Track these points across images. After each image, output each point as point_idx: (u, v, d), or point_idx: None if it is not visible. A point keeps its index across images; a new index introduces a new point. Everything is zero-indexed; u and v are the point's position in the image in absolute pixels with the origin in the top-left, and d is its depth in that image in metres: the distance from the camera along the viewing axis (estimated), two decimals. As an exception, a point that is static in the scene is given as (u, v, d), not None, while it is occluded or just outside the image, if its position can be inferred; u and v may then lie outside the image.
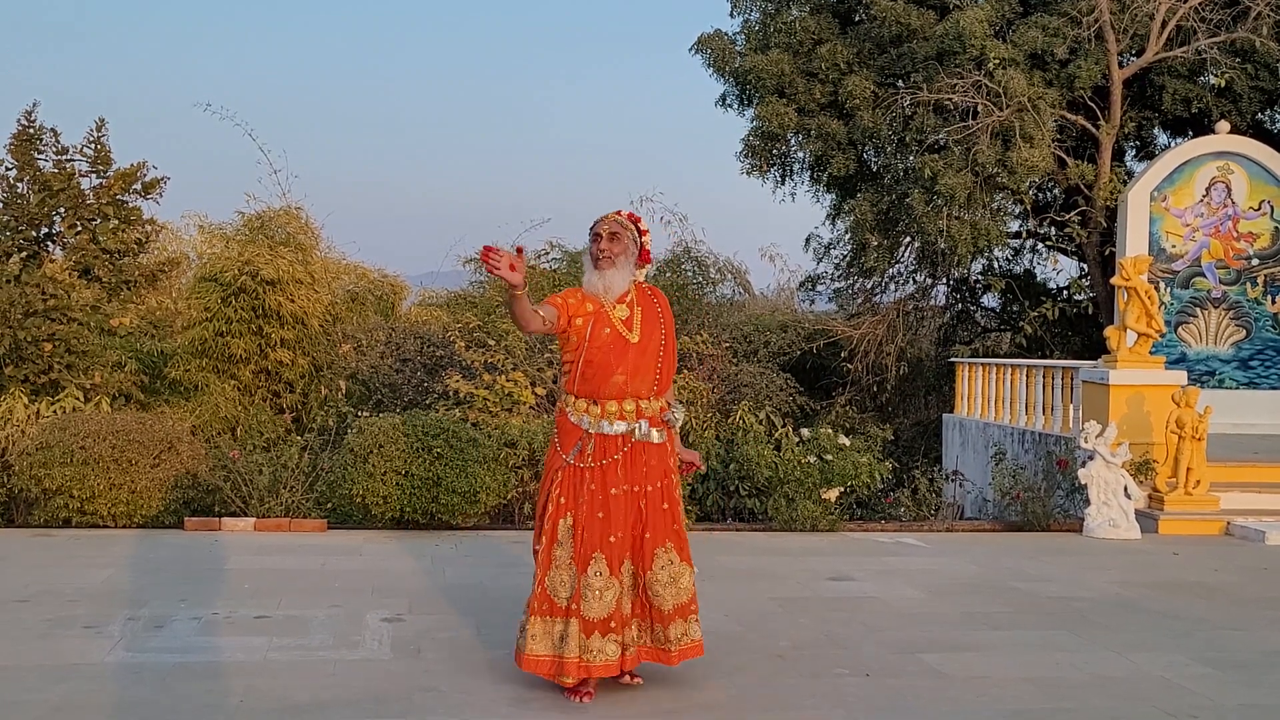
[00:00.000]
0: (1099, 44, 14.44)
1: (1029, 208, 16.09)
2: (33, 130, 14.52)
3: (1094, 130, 14.96)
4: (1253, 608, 6.51)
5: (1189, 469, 9.48)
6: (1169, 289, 13.50)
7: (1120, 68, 14.78)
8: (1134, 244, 13.39)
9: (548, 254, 15.01)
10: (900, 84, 15.31)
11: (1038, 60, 14.69)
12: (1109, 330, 10.64)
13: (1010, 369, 12.96)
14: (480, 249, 4.07)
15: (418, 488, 8.03)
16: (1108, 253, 14.82)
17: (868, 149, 16.43)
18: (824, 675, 4.89)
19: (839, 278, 18.35)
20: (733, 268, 18.17)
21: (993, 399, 13.36)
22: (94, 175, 14.76)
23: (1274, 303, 13.59)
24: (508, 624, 5.16)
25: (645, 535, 4.38)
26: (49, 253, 14.43)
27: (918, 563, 7.67)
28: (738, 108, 17.25)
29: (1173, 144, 15.95)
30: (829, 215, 18.31)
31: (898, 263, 17.15)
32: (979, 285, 17.93)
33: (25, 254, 13.28)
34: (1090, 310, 16.18)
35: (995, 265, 17.99)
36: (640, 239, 4.58)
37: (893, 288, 17.60)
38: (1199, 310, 13.59)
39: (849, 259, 17.72)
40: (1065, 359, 14.79)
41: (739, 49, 16.77)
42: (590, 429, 4.41)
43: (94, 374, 10.36)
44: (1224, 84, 14.46)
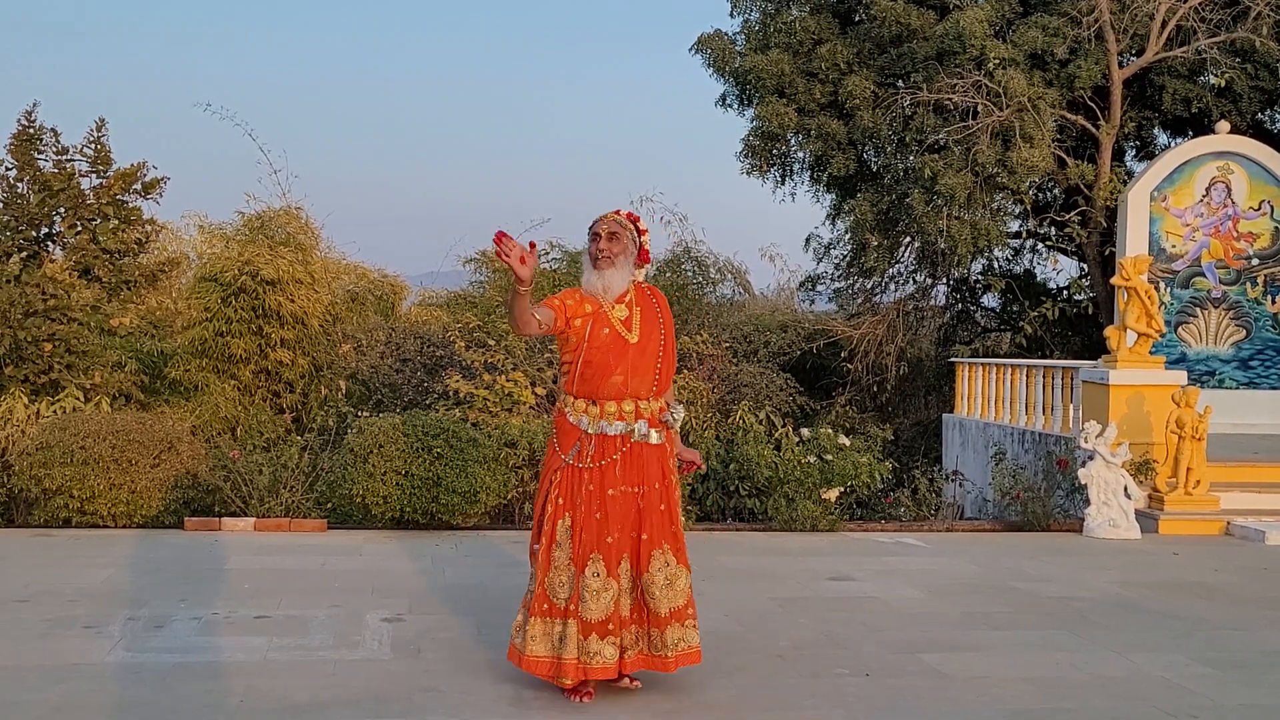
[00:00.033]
0: (1099, 44, 14.44)
1: (1029, 208, 16.09)
2: (33, 130, 14.52)
3: (1094, 130, 14.95)
4: (1253, 608, 6.51)
5: (1189, 469, 9.48)
6: (1169, 289, 13.50)
7: (1120, 68, 14.78)
8: (1134, 244, 13.39)
9: (548, 254, 15.02)
10: (900, 84, 15.31)
11: (1038, 60, 14.69)
12: (1109, 330, 10.64)
13: (1010, 369, 12.96)
14: (495, 233, 4.03)
15: (418, 488, 8.04)
16: (1108, 253, 14.82)
17: (868, 149, 16.44)
18: (824, 675, 4.89)
19: (839, 278, 18.35)
20: (733, 268, 18.18)
21: (993, 399, 13.36)
22: (94, 175, 14.76)
23: (1274, 303, 13.59)
24: (508, 624, 5.14)
25: (642, 537, 4.36)
26: (49, 253, 14.43)
27: (918, 563, 7.67)
28: (738, 108, 17.26)
29: (1173, 144, 15.95)
30: (829, 215, 18.32)
31: (898, 263, 17.16)
32: (979, 285, 17.93)
33: (25, 254, 13.28)
34: (1090, 310, 16.18)
35: (995, 265, 17.99)
36: (639, 239, 4.56)
37: (893, 288, 17.61)
38: (1199, 310, 13.59)
39: (849, 259, 17.72)
40: (1065, 359, 14.79)
41: (739, 49, 16.77)
42: (589, 429, 4.39)
43: (94, 374, 10.36)
44: (1224, 84, 14.46)
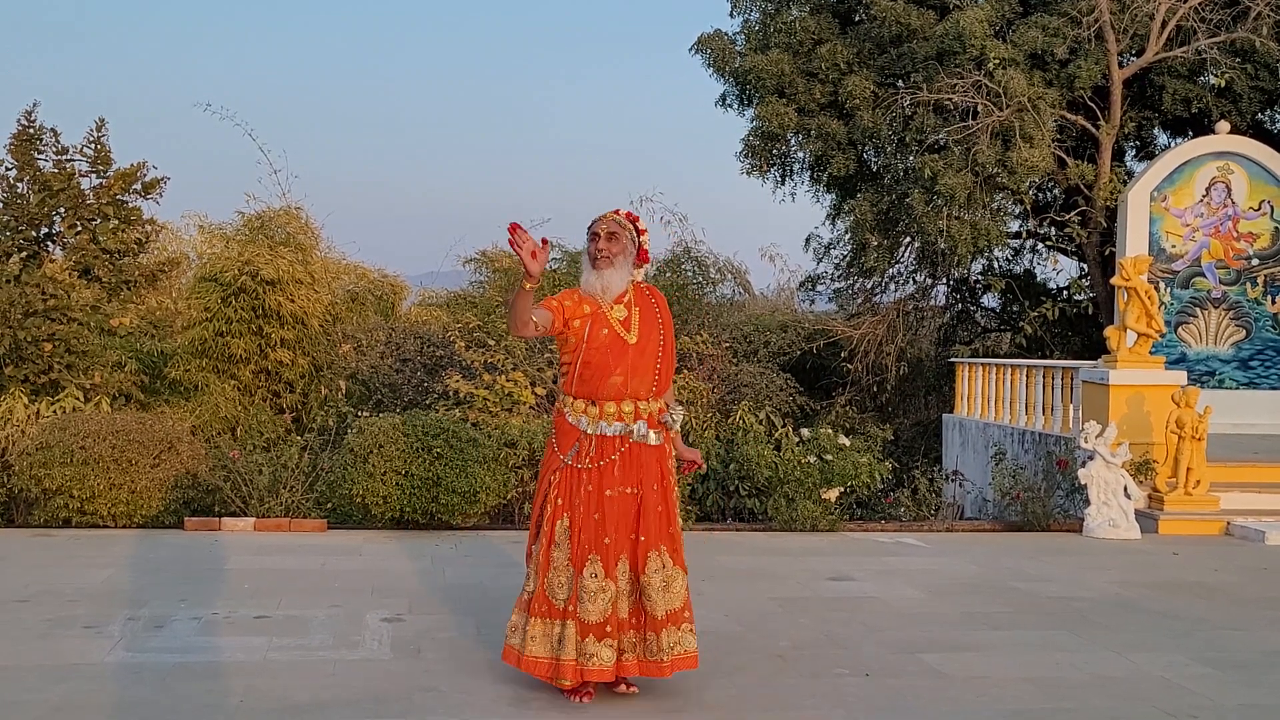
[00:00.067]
0: (1099, 44, 14.43)
1: (1029, 208, 16.09)
2: (33, 130, 14.52)
3: (1094, 130, 14.95)
4: (1253, 608, 6.51)
5: (1189, 469, 9.48)
6: (1169, 289, 13.50)
7: (1120, 68, 14.78)
8: (1134, 244, 13.39)
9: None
10: (900, 84, 15.31)
11: (1038, 60, 14.69)
12: (1109, 330, 10.64)
13: (1010, 369, 12.96)
14: (509, 224, 4.00)
15: (418, 488, 8.03)
16: (1108, 253, 14.82)
17: (868, 149, 16.43)
18: (824, 675, 4.89)
19: (839, 278, 18.35)
20: (733, 268, 18.17)
21: (993, 399, 13.35)
22: (94, 175, 14.76)
23: (1274, 303, 13.59)
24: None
25: (639, 538, 4.34)
26: (49, 253, 14.43)
27: (918, 563, 7.67)
28: (738, 108, 17.26)
29: (1173, 144, 15.95)
30: (829, 215, 18.32)
31: (898, 263, 17.16)
32: (979, 285, 17.93)
33: (25, 254, 13.28)
34: (1090, 310, 16.18)
35: (995, 265, 17.99)
36: (638, 238, 4.54)
37: (893, 288, 17.61)
38: (1199, 310, 13.59)
39: (849, 259, 17.72)
40: (1065, 359, 14.80)
41: (739, 49, 16.77)
42: (588, 430, 4.38)
43: (94, 374, 10.36)
44: (1224, 84, 14.46)
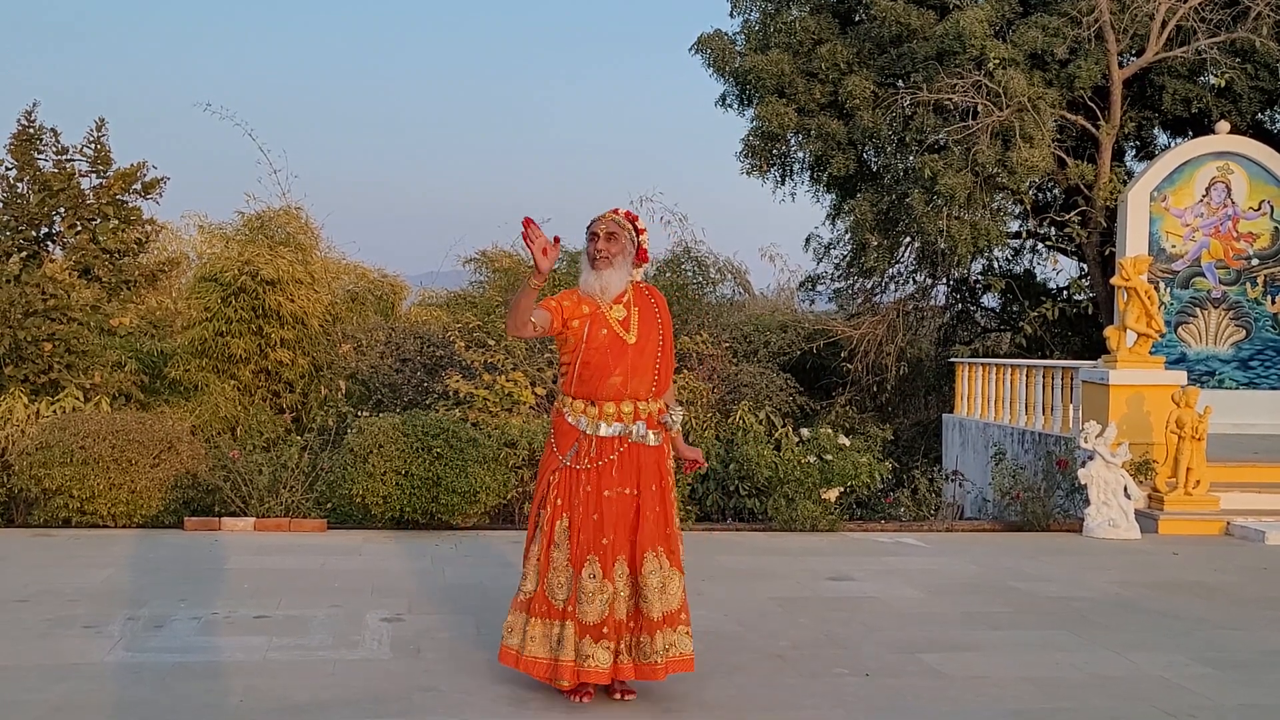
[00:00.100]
0: (1099, 44, 14.43)
1: (1029, 208, 16.09)
2: (33, 130, 14.52)
3: (1094, 130, 14.95)
4: (1252, 608, 6.51)
5: (1189, 469, 9.48)
6: (1169, 289, 13.50)
7: (1120, 68, 14.78)
8: (1134, 244, 13.39)
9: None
10: (900, 84, 15.31)
11: (1038, 60, 14.69)
12: (1109, 330, 10.64)
13: (1010, 369, 12.96)
14: (523, 218, 4.04)
15: (417, 488, 8.04)
16: (1108, 253, 14.82)
17: (868, 149, 16.43)
18: (824, 675, 4.89)
19: (839, 278, 18.35)
20: (733, 268, 18.15)
21: (993, 399, 13.36)
22: (94, 175, 14.77)
23: (1274, 303, 13.59)
24: (507, 624, 5.16)
25: (636, 539, 4.33)
26: (49, 253, 14.43)
27: (918, 563, 7.67)
28: (738, 108, 17.26)
29: (1173, 144, 15.95)
30: (829, 215, 18.32)
31: (898, 263, 17.15)
32: (979, 285, 17.93)
33: (25, 254, 13.28)
34: (1090, 310, 16.18)
35: (995, 265, 17.99)
36: (638, 238, 4.53)
37: (893, 288, 17.60)
38: (1199, 310, 13.59)
39: (849, 259, 17.72)
40: (1065, 359, 14.79)
41: (739, 49, 16.77)
42: (587, 430, 4.38)
43: (94, 374, 10.36)
44: (1224, 84, 14.46)
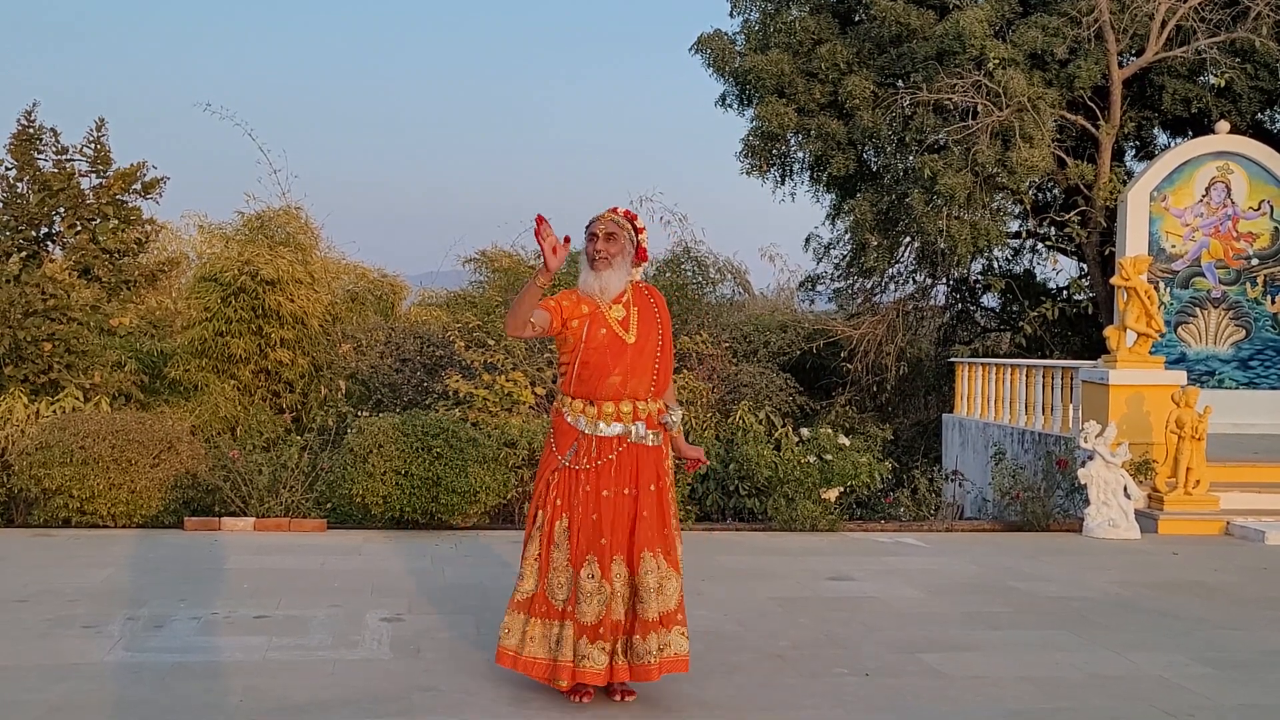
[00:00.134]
0: (1099, 44, 14.43)
1: (1029, 208, 16.09)
2: (33, 130, 14.52)
3: (1094, 130, 14.95)
4: (1252, 608, 6.51)
5: (1189, 469, 9.48)
6: (1169, 289, 13.50)
7: (1120, 68, 14.77)
8: (1134, 244, 13.39)
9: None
10: (900, 84, 15.31)
11: (1038, 60, 14.69)
12: (1109, 330, 10.64)
13: (1010, 369, 12.96)
14: (536, 215, 4.09)
15: (417, 487, 8.04)
16: (1107, 253, 14.82)
17: (868, 149, 16.43)
18: (823, 675, 4.89)
19: (839, 278, 18.34)
20: (732, 268, 18.15)
21: (992, 399, 13.36)
22: (94, 175, 14.76)
23: (1274, 303, 13.60)
24: (507, 624, 5.16)
25: (634, 539, 4.32)
26: (49, 253, 14.43)
27: (917, 563, 7.67)
28: (738, 108, 17.25)
29: (1173, 144, 15.94)
30: (829, 215, 18.32)
31: (897, 263, 17.15)
32: (979, 285, 17.93)
33: (25, 254, 13.28)
34: (1090, 310, 16.18)
35: (995, 265, 17.99)
36: (637, 237, 4.51)
37: (892, 288, 17.60)
38: (1199, 310, 13.60)
39: (849, 259, 17.72)
40: (1065, 359, 14.79)
41: (739, 49, 16.77)
42: (586, 430, 4.37)
43: (94, 374, 10.36)
44: (1224, 84, 14.45)
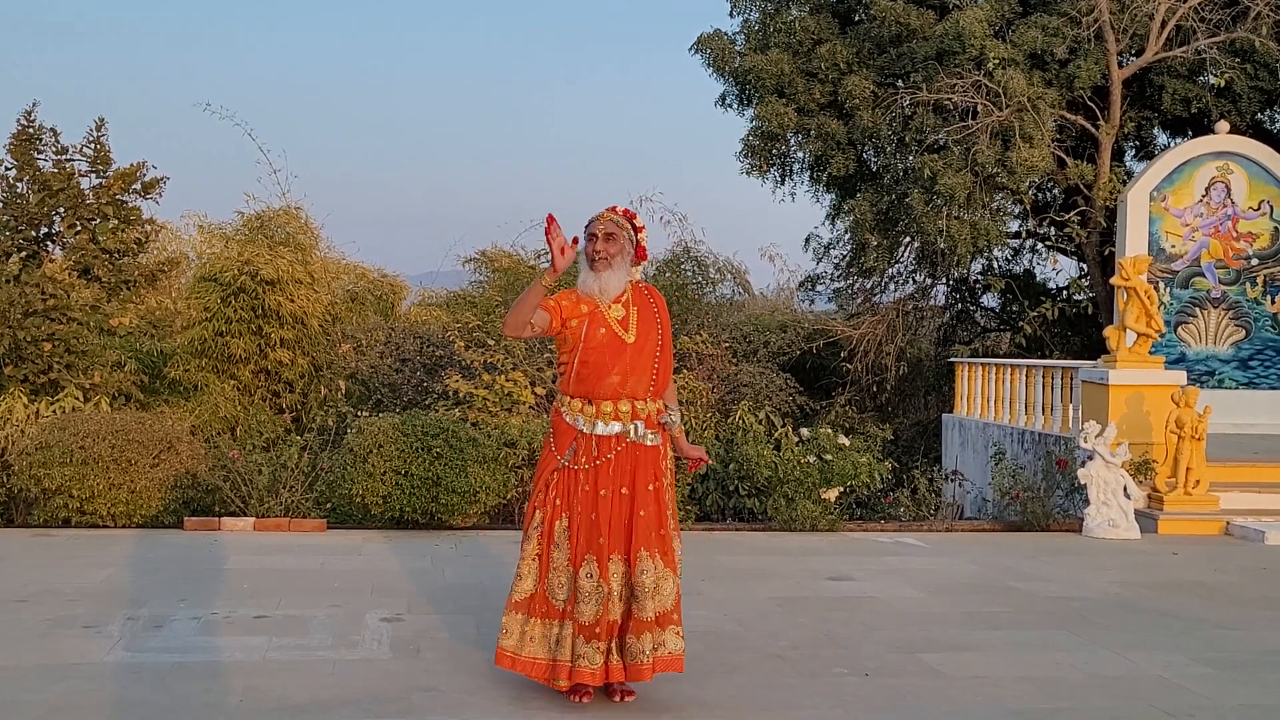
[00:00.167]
0: (1099, 44, 14.43)
1: (1029, 208, 16.09)
2: (32, 130, 14.52)
3: (1094, 130, 14.95)
4: (1252, 608, 6.51)
5: (1188, 469, 9.48)
6: (1168, 289, 13.50)
7: (1120, 68, 14.77)
8: (1134, 244, 13.39)
9: (547, 254, 14.98)
10: (900, 84, 15.31)
11: (1037, 60, 14.69)
12: (1108, 330, 10.64)
13: (1010, 369, 12.96)
14: (547, 215, 4.17)
15: (417, 487, 8.04)
16: (1107, 253, 14.82)
17: (867, 149, 16.43)
18: (823, 675, 4.89)
19: (839, 278, 18.34)
20: (732, 268, 18.15)
21: (992, 399, 13.36)
22: (94, 175, 14.76)
23: (1273, 303, 13.60)
24: (507, 624, 5.15)
25: (631, 539, 4.32)
26: (49, 253, 14.42)
27: (917, 563, 7.67)
28: (737, 108, 17.25)
29: (1172, 144, 15.94)
30: (829, 215, 18.32)
31: (897, 263, 17.15)
32: (979, 285, 17.93)
33: (25, 254, 13.28)
34: (1090, 310, 16.18)
35: (995, 265, 17.99)
36: (636, 236, 4.50)
37: (892, 288, 17.60)
38: (1198, 310, 13.60)
39: (849, 259, 17.72)
40: (1065, 359, 14.79)
41: (739, 49, 16.77)
42: (585, 429, 4.37)
43: (94, 374, 10.36)
44: (1224, 84, 14.45)
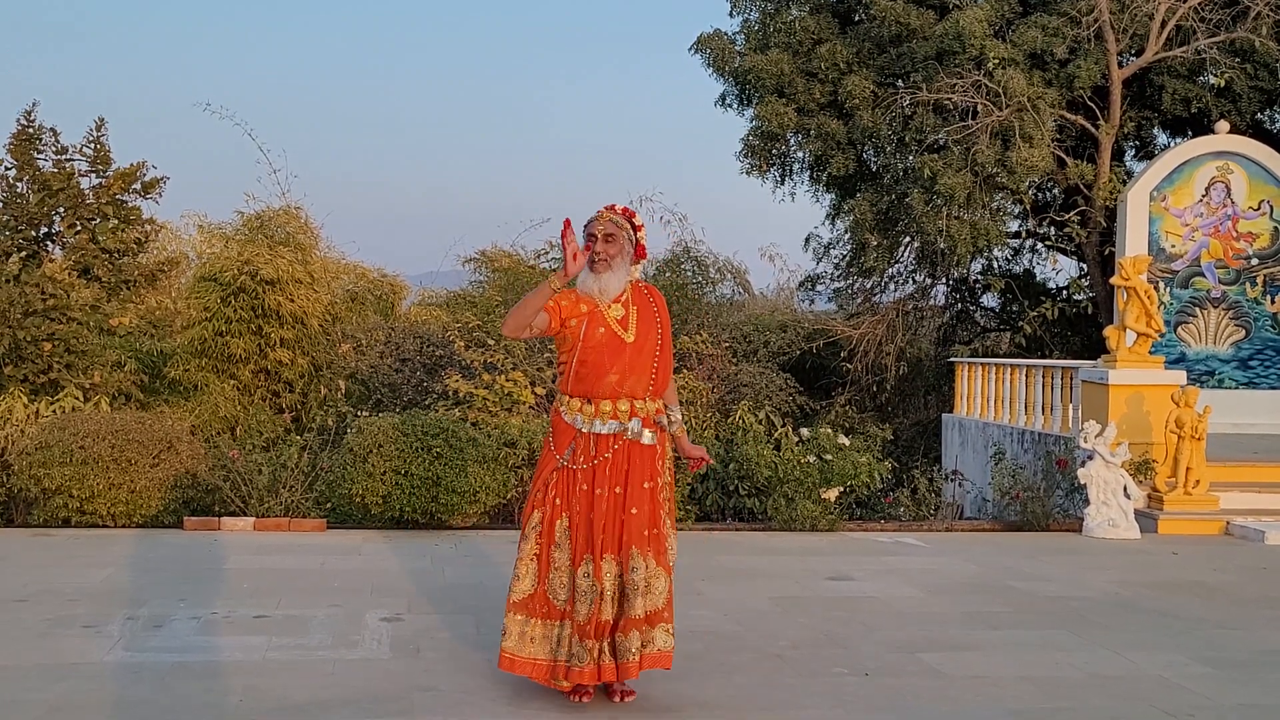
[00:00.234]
0: (1099, 44, 14.43)
1: (1029, 208, 16.09)
2: (32, 130, 14.51)
3: (1094, 130, 14.95)
4: (1252, 607, 6.51)
5: (1188, 469, 9.48)
6: (1168, 289, 13.50)
7: (1120, 67, 14.77)
8: (1133, 244, 13.39)
9: (547, 254, 15.01)
10: (900, 84, 15.31)
11: (1037, 60, 14.69)
12: (1108, 330, 10.64)
13: (1010, 369, 12.96)
14: (564, 219, 4.26)
15: (417, 487, 8.04)
16: (1107, 252, 14.82)
17: (867, 149, 16.43)
18: (823, 675, 4.89)
19: (839, 278, 18.34)
20: (732, 267, 18.14)
21: (992, 399, 13.36)
22: (94, 175, 14.75)
23: (1273, 302, 13.60)
24: (507, 624, 5.15)
25: (623, 537, 4.31)
26: (49, 252, 14.42)
27: (917, 562, 7.67)
28: (737, 108, 17.25)
29: (1172, 144, 15.94)
30: (829, 215, 18.31)
31: (897, 263, 17.16)
32: (979, 285, 17.92)
33: (25, 254, 13.27)
34: (1090, 310, 16.18)
35: (995, 265, 17.99)
36: (635, 235, 4.50)
37: (892, 287, 17.60)
38: (1198, 310, 13.60)
39: (849, 259, 17.72)
40: (1065, 359, 14.79)
41: (739, 49, 16.77)
42: (583, 428, 4.37)
43: (93, 374, 10.36)
44: (1223, 84, 14.45)
